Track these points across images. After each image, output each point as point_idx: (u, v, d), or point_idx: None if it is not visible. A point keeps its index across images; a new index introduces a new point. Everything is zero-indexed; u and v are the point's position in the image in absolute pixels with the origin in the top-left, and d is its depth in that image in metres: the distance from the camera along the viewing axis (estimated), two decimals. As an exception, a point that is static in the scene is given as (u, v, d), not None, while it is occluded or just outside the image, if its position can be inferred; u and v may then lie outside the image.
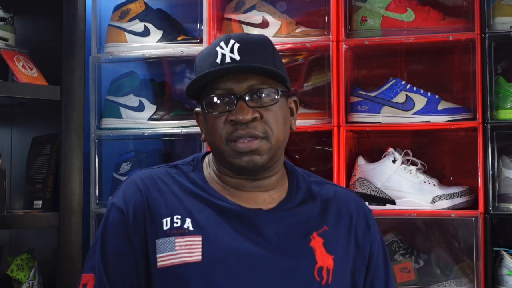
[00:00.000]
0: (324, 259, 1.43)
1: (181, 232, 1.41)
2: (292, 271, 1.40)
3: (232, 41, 1.42)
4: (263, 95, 1.42)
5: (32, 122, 2.40)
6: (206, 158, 1.55)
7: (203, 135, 1.51)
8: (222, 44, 1.43)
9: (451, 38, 2.25)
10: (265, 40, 1.48)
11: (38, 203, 2.22)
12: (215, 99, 1.42)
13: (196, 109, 1.53)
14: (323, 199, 1.52)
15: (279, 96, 1.43)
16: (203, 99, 1.44)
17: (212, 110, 1.43)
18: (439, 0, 2.43)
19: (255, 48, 1.43)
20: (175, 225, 1.41)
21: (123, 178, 2.49)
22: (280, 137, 1.44)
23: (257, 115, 1.41)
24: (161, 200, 1.44)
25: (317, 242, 1.44)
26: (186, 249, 1.39)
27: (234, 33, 1.46)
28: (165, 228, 1.41)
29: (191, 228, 1.41)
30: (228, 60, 1.41)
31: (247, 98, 1.41)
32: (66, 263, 2.14)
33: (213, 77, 1.42)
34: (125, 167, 2.55)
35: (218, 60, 1.41)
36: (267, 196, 1.48)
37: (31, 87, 2.12)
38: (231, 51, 1.41)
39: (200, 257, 1.38)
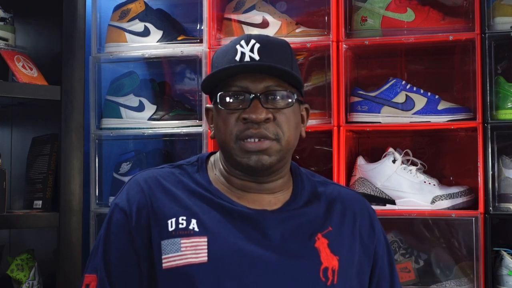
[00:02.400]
0: (329, 260, 1.42)
1: (187, 233, 1.40)
2: (298, 272, 1.40)
3: (253, 41, 1.42)
4: (278, 97, 1.42)
5: (32, 122, 2.40)
6: (212, 159, 1.54)
7: (212, 132, 1.50)
8: (242, 42, 1.42)
9: (451, 38, 2.25)
10: (285, 44, 1.47)
11: (38, 203, 2.22)
12: (230, 95, 1.42)
13: (207, 105, 1.53)
14: (328, 199, 1.52)
15: (293, 101, 1.43)
16: (217, 95, 1.44)
17: (225, 106, 1.42)
18: (439, 0, 2.43)
19: (275, 50, 1.43)
20: (180, 226, 1.41)
21: (123, 178, 2.50)
22: (291, 141, 1.44)
23: (270, 116, 1.40)
24: (165, 201, 1.44)
25: (321, 243, 1.44)
26: (192, 250, 1.38)
27: (255, 34, 1.46)
28: (170, 229, 1.41)
29: (196, 229, 1.41)
30: (247, 58, 1.40)
31: (262, 98, 1.41)
32: (66, 263, 2.14)
33: (231, 73, 1.42)
34: (125, 167, 2.55)
35: (237, 57, 1.41)
36: (272, 198, 1.48)
37: (31, 87, 2.12)
38: (251, 50, 1.41)
39: (206, 258, 1.38)
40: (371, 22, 2.36)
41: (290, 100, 1.43)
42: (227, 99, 1.42)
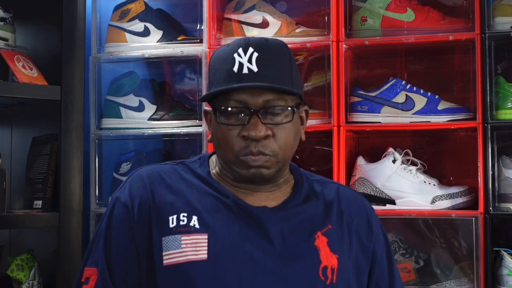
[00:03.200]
0: (329, 259, 1.42)
1: (187, 230, 1.40)
2: (297, 271, 1.40)
3: (251, 49, 1.39)
4: (278, 112, 1.41)
5: (32, 122, 2.40)
6: (213, 157, 1.54)
7: (209, 136, 1.49)
8: (240, 51, 1.40)
9: (451, 38, 2.25)
10: (283, 48, 1.45)
11: (38, 203, 2.22)
12: (229, 111, 1.40)
13: (206, 108, 1.52)
14: (326, 198, 1.52)
15: (293, 116, 1.42)
16: (216, 108, 1.43)
17: (225, 121, 1.41)
18: (439, 0, 2.43)
19: (274, 58, 1.41)
20: (181, 223, 1.41)
21: (123, 178, 2.49)
22: (288, 153, 1.44)
23: (269, 132, 1.39)
24: (167, 197, 1.44)
25: (321, 242, 1.44)
26: (192, 247, 1.38)
27: (253, 38, 1.43)
28: (171, 225, 1.40)
29: (197, 226, 1.40)
30: (245, 70, 1.38)
31: (261, 114, 1.39)
32: (66, 263, 2.14)
33: (230, 90, 1.40)
34: (125, 167, 2.55)
35: (235, 68, 1.39)
36: (271, 195, 1.48)
37: (31, 87, 2.12)
38: (249, 60, 1.39)
39: (206, 256, 1.38)
40: (371, 22, 2.36)
41: (289, 114, 1.41)
42: (226, 113, 1.41)
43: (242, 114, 1.40)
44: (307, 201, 1.49)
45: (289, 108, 1.42)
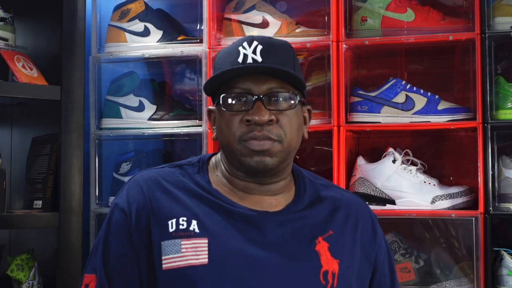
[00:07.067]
0: (329, 263, 1.43)
1: (187, 234, 1.40)
2: (298, 275, 1.40)
3: (255, 43, 1.42)
4: (281, 99, 1.42)
5: (32, 122, 2.40)
6: (213, 159, 1.54)
7: (214, 134, 1.50)
8: (245, 44, 1.42)
9: (451, 38, 2.25)
10: (287, 46, 1.47)
11: (38, 203, 2.22)
12: (233, 97, 1.42)
13: (209, 107, 1.53)
14: (331, 203, 1.52)
15: (296, 102, 1.43)
16: (220, 96, 1.44)
17: (228, 108, 1.42)
18: (439, 0, 2.43)
19: (278, 52, 1.43)
20: (180, 227, 1.41)
21: (123, 178, 2.50)
22: (293, 143, 1.44)
23: (273, 117, 1.40)
24: (165, 202, 1.44)
25: (322, 247, 1.44)
26: (192, 252, 1.38)
27: (257, 35, 1.46)
28: (170, 230, 1.40)
29: (197, 230, 1.40)
30: (249, 60, 1.41)
31: (265, 100, 1.41)
32: (66, 263, 2.14)
33: (234, 75, 1.42)
34: (125, 167, 2.55)
35: (240, 59, 1.41)
36: (273, 200, 1.48)
37: (31, 87, 2.12)
38: (254, 52, 1.41)
39: (206, 260, 1.38)
40: (371, 22, 2.36)
41: (292, 102, 1.43)
42: (230, 100, 1.42)
43: (246, 100, 1.41)
44: (310, 206, 1.50)
45: (292, 96, 1.43)
